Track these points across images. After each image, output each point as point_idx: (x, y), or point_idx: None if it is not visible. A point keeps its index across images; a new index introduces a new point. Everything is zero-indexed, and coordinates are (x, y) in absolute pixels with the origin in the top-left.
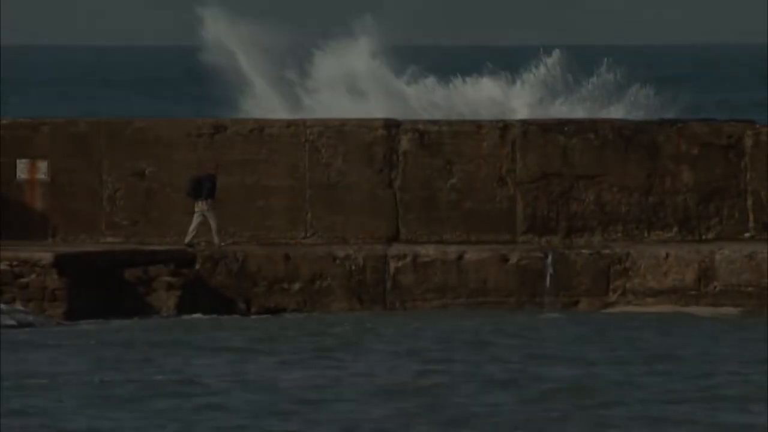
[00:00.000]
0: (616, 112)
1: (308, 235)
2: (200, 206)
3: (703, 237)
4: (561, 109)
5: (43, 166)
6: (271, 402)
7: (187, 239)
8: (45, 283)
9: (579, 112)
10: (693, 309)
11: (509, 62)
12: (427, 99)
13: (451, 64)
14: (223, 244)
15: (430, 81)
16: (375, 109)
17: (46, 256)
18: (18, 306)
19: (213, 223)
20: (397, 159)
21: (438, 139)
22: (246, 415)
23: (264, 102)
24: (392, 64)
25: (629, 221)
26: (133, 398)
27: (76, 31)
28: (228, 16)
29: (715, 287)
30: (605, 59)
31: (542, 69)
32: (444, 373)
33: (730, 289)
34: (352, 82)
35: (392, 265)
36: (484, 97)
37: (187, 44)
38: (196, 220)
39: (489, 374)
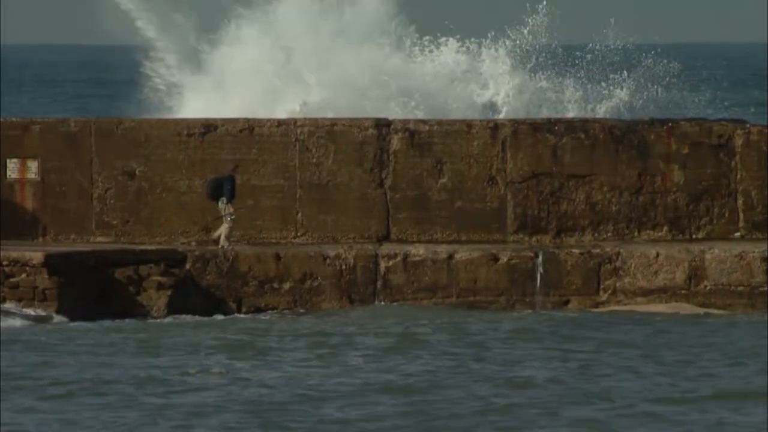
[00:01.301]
0: (621, 87)
1: (299, 234)
2: (222, 209)
3: (694, 236)
4: (542, 85)
5: (33, 165)
6: (265, 400)
7: (222, 243)
8: (35, 282)
9: (569, 86)
10: (683, 308)
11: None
12: (375, 67)
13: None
14: (228, 247)
15: (379, 43)
16: (300, 70)
17: (36, 256)
18: (8, 306)
19: (226, 225)
20: (388, 158)
21: (428, 139)
22: (240, 413)
23: (165, 63)
24: (333, 21)
25: (620, 220)
26: (125, 397)
27: (70, 30)
28: None
29: (705, 287)
30: (611, 20)
31: (525, 32)
32: (436, 372)
33: (720, 289)
34: (274, 42)
35: (383, 264)
36: (448, 66)
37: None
38: (227, 225)
39: (479, 372)
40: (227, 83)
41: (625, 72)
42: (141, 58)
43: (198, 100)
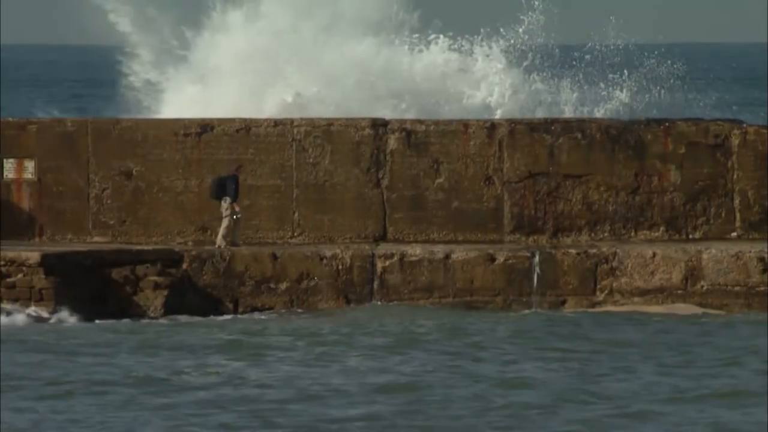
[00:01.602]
0: (621, 89)
1: (295, 234)
2: (225, 208)
3: (690, 236)
4: (538, 86)
5: (30, 165)
6: (262, 399)
7: (218, 242)
8: (32, 282)
9: (565, 87)
10: (680, 308)
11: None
12: (362, 66)
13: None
14: (224, 246)
15: (368, 42)
16: (286, 66)
17: (33, 256)
18: (5, 305)
19: (224, 225)
20: (385, 158)
21: (425, 139)
22: (237, 413)
23: (141, 59)
24: (320, 19)
25: (616, 220)
26: (123, 396)
27: (68, 31)
28: None
29: (702, 286)
30: (611, 18)
31: (520, 30)
32: (431, 372)
33: (716, 289)
34: (255, 41)
35: (379, 264)
36: (439, 66)
37: None
38: (224, 224)
39: (475, 372)
40: (211, 76)
41: (625, 72)
42: (119, 55)
43: (181, 95)
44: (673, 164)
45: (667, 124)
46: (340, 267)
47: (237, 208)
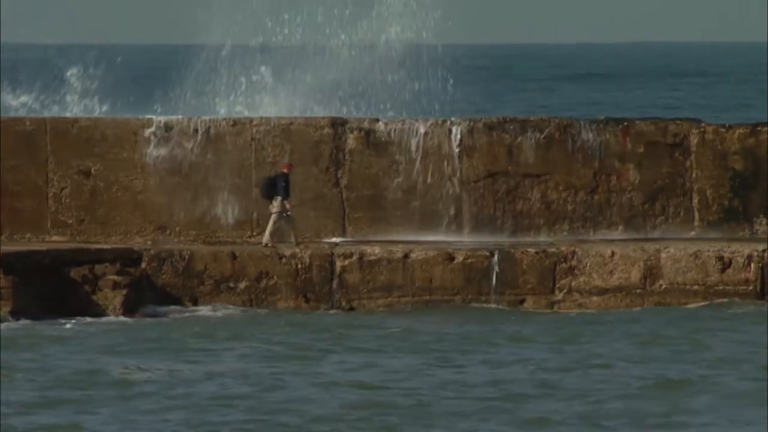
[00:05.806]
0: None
1: (254, 233)
2: (275, 206)
3: (649, 235)
4: None
5: None
6: (225, 395)
7: (265, 240)
8: None
9: None
10: (638, 307)
11: None
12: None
13: None
14: (270, 245)
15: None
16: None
17: None
18: None
19: (271, 222)
20: (344, 157)
21: (384, 138)
22: (186, 410)
23: None
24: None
25: (575, 220)
26: (81, 395)
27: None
28: None
29: (660, 285)
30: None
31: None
32: (388, 370)
33: (675, 288)
34: None
35: (338, 263)
36: None
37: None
38: (272, 220)
39: (437, 374)
40: None
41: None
42: None
43: None
44: (631, 163)
45: (626, 123)
46: (299, 266)
47: (288, 206)
